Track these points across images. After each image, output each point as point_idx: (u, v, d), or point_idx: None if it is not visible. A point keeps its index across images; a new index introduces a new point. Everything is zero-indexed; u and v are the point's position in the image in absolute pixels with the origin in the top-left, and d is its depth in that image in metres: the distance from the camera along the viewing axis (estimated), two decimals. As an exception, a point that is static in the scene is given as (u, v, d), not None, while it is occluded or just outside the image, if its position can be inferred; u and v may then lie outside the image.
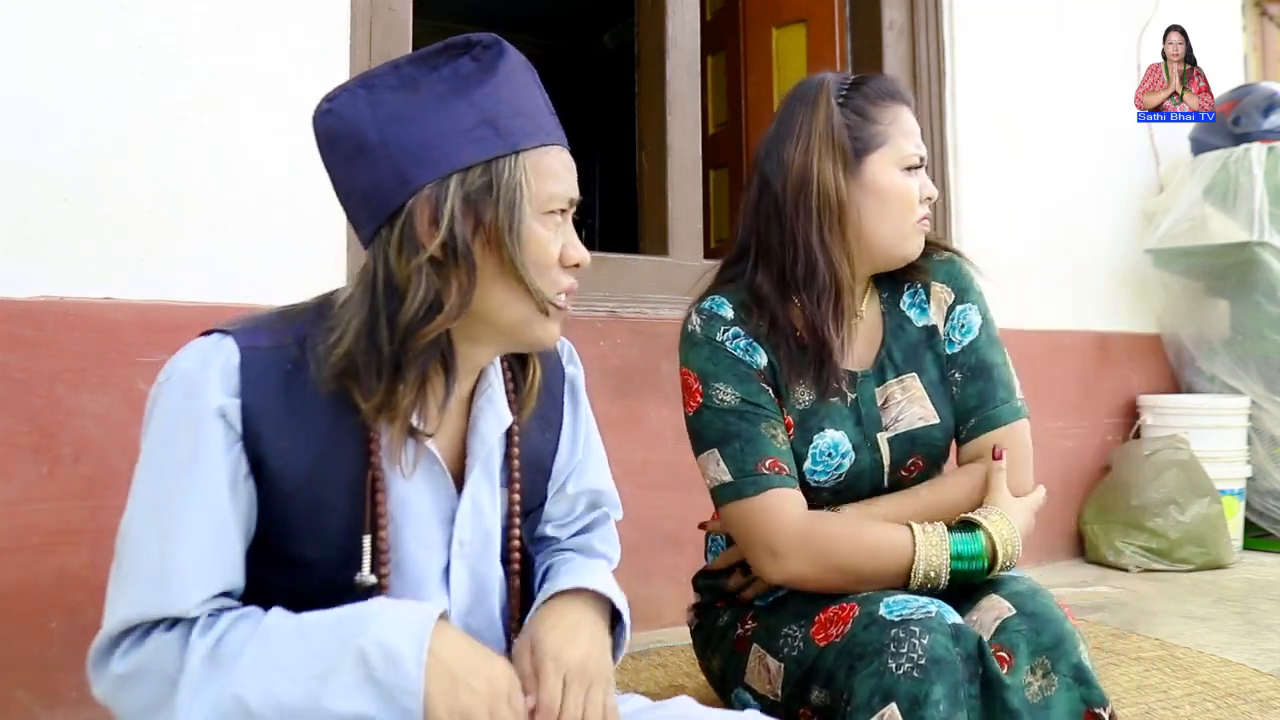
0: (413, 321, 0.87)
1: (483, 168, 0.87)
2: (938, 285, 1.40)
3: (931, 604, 1.10)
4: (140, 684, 0.84)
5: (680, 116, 2.68)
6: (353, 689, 0.81)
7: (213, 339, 0.90)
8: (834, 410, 1.32)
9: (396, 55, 2.16)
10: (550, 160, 0.92)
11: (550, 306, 0.93)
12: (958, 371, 1.37)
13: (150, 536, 0.85)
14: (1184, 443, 3.12)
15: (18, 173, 1.73)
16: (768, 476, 1.24)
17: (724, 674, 1.36)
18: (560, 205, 0.92)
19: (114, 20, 1.82)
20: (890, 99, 1.34)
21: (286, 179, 1.98)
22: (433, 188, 0.87)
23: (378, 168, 0.88)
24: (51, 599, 1.72)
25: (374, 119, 0.87)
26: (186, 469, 0.85)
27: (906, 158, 1.33)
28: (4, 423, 1.69)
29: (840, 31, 3.29)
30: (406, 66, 0.90)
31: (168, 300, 1.84)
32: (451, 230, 0.86)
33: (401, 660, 0.81)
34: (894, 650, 1.05)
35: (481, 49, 0.90)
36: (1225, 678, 1.99)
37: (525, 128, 0.90)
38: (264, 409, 0.87)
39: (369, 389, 0.87)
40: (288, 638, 0.82)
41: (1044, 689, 1.07)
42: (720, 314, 1.33)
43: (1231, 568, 3.07)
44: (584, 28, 6.15)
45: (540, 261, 0.91)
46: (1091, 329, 3.36)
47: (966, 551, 1.21)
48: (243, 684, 0.80)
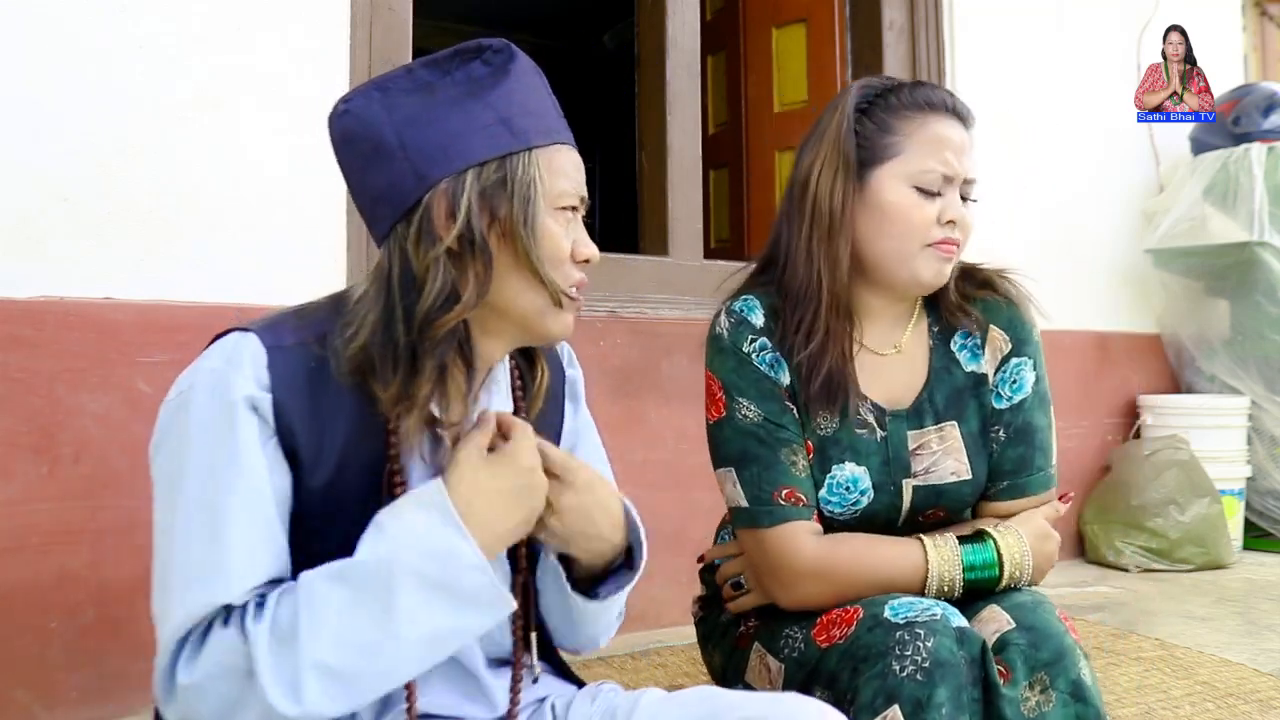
0: (430, 311, 0.88)
1: (498, 163, 0.90)
2: (996, 331, 1.31)
3: (936, 607, 1.10)
4: (213, 688, 0.82)
5: (680, 116, 2.68)
6: (420, 605, 0.82)
7: (234, 337, 0.90)
8: (860, 443, 1.26)
9: (396, 55, 2.18)
10: (561, 158, 0.94)
11: (564, 298, 0.95)
12: (1001, 430, 1.30)
13: (199, 535, 0.84)
14: (1184, 443, 3.12)
15: (18, 173, 1.73)
16: (784, 508, 1.21)
17: (725, 670, 1.36)
18: (571, 202, 0.94)
19: (114, 20, 1.82)
20: (920, 109, 1.24)
21: (286, 179, 1.98)
22: (449, 182, 0.89)
23: (395, 168, 0.90)
24: (51, 599, 1.72)
25: (390, 121, 0.90)
26: (228, 465, 0.85)
27: (920, 174, 1.22)
28: (4, 423, 1.69)
29: (840, 31, 3.30)
30: (420, 70, 0.92)
31: (168, 300, 1.84)
32: (469, 222, 0.88)
33: (452, 554, 0.83)
34: (898, 652, 1.04)
35: (493, 53, 0.92)
36: (1225, 678, 1.99)
37: (537, 126, 0.92)
38: (294, 405, 0.88)
39: (386, 380, 0.88)
40: (332, 588, 0.83)
41: (1041, 704, 1.06)
42: (750, 320, 1.27)
43: (1231, 568, 3.07)
44: (584, 28, 6.15)
45: (554, 255, 0.93)
46: (1091, 329, 3.36)
47: (978, 561, 1.20)
48: (316, 650, 0.80)
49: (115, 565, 1.76)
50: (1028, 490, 1.29)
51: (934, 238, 1.23)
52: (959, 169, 1.24)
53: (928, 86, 1.28)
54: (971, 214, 1.27)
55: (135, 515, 1.79)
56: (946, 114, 1.25)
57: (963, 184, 1.26)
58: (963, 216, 1.24)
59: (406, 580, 0.82)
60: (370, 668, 0.82)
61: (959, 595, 1.20)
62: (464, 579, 0.83)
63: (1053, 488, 1.31)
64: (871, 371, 1.29)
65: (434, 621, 0.83)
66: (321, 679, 0.80)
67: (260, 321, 0.92)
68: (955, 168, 1.24)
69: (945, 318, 1.32)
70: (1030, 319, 1.34)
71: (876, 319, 1.31)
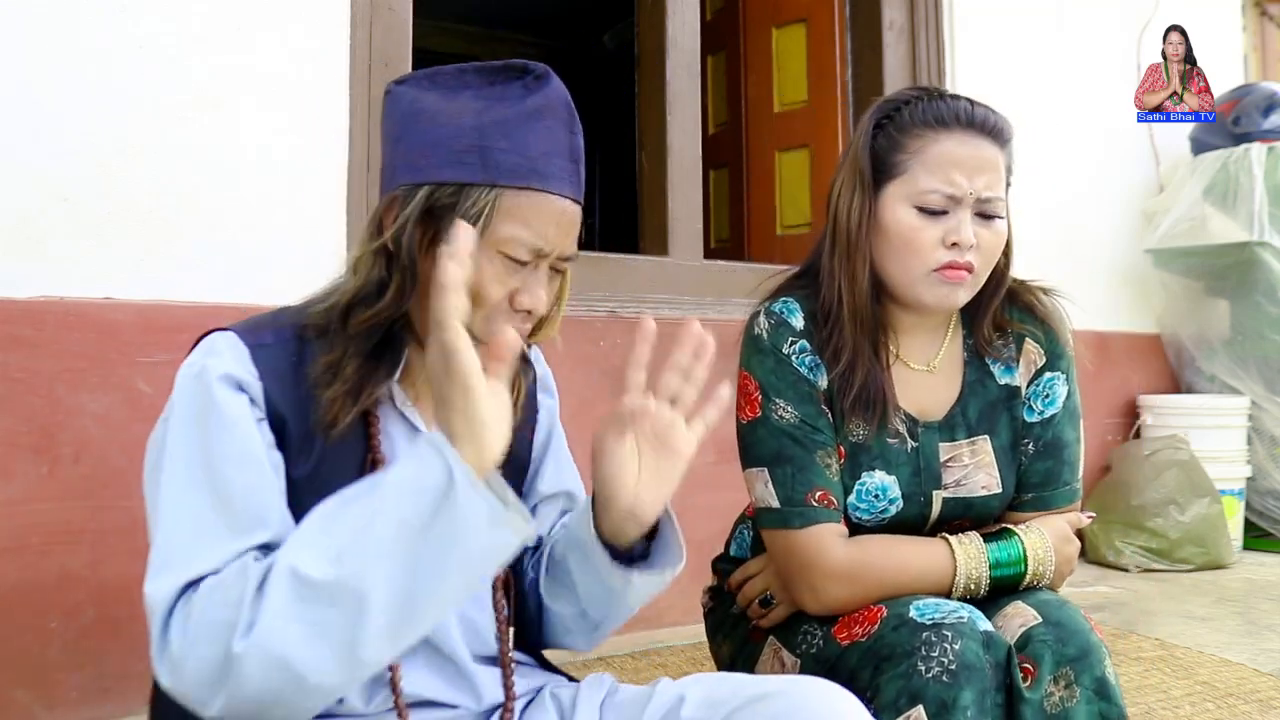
0: (352, 300, 0.92)
1: (455, 189, 0.90)
2: (1031, 345, 1.30)
3: (963, 609, 1.10)
4: (199, 640, 0.76)
5: (680, 116, 2.68)
6: (395, 503, 0.76)
7: (214, 336, 0.92)
8: (890, 452, 1.26)
9: (396, 55, 2.18)
10: (529, 205, 0.90)
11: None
12: (1031, 443, 1.29)
13: (197, 498, 0.83)
14: (1184, 443, 3.12)
15: (18, 173, 1.73)
16: (816, 510, 1.20)
17: (733, 661, 1.36)
18: (519, 254, 0.91)
19: (114, 20, 1.83)
20: (929, 126, 1.20)
21: (286, 179, 1.98)
22: (406, 189, 0.91)
23: (390, 156, 0.95)
24: (51, 599, 1.72)
25: (402, 112, 0.93)
26: (221, 432, 0.85)
27: (921, 194, 1.18)
28: (4, 423, 1.69)
29: (840, 31, 3.30)
30: (468, 73, 0.94)
31: (168, 300, 1.84)
32: (402, 231, 0.90)
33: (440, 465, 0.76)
34: (924, 653, 1.04)
35: (533, 79, 0.93)
36: (1225, 678, 1.99)
37: (517, 167, 0.90)
38: (281, 394, 0.89)
39: (324, 348, 0.91)
40: (318, 510, 0.79)
41: (1065, 700, 1.07)
42: (790, 322, 1.26)
43: (1231, 568, 3.07)
44: (584, 28, 6.14)
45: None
46: (1091, 329, 3.35)
47: (1005, 557, 1.20)
48: (288, 555, 0.76)
49: (115, 565, 1.77)
50: (1053, 504, 1.29)
51: (938, 261, 1.18)
52: (967, 188, 1.17)
53: (947, 99, 1.23)
54: (998, 232, 1.21)
55: (135, 515, 1.78)
56: (961, 129, 1.19)
57: (978, 203, 1.18)
58: (972, 238, 1.17)
59: (389, 493, 0.77)
60: (340, 574, 0.74)
61: (985, 594, 1.20)
62: (452, 492, 0.76)
63: (1077, 501, 1.31)
64: (906, 383, 1.29)
65: (411, 520, 0.75)
66: (287, 590, 0.74)
67: (239, 324, 0.94)
68: (962, 187, 1.17)
69: (979, 341, 1.31)
70: (1065, 335, 1.31)
71: (910, 333, 1.30)
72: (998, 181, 1.20)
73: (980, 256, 1.20)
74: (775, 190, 3.54)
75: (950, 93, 1.26)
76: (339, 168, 2.04)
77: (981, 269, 1.21)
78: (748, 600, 1.33)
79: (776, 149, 3.53)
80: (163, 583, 0.80)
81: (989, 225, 1.20)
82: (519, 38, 6.29)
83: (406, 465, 0.78)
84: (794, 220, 3.48)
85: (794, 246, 3.34)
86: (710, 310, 2.55)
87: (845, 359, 1.23)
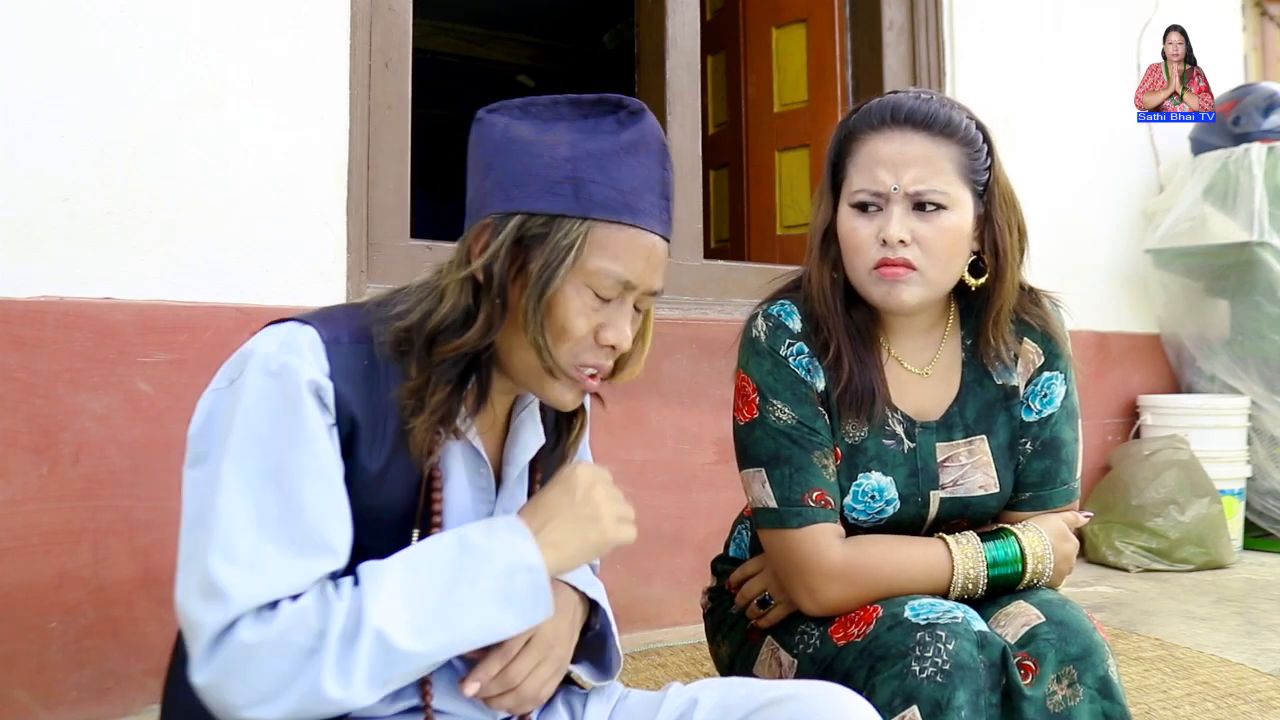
0: (436, 329, 0.90)
1: (546, 219, 0.89)
2: (1029, 345, 1.30)
3: (958, 609, 1.10)
4: (269, 660, 0.79)
5: (680, 116, 2.68)
6: (471, 587, 0.86)
7: (289, 326, 0.90)
8: (887, 454, 1.26)
9: (396, 55, 2.19)
10: (621, 240, 0.91)
11: (560, 372, 0.93)
12: (1029, 442, 1.30)
13: (273, 511, 0.83)
14: (1184, 443, 3.12)
15: (18, 173, 1.73)
16: (813, 510, 1.21)
17: (733, 662, 1.37)
18: (608, 289, 0.92)
19: (114, 20, 1.83)
20: (865, 129, 1.22)
21: (286, 180, 1.98)
22: (497, 218, 0.90)
23: (481, 184, 0.93)
24: (51, 599, 1.72)
25: (494, 141, 0.92)
26: (299, 446, 0.85)
27: (853, 195, 1.21)
28: (4, 423, 1.69)
29: (840, 31, 3.30)
30: (564, 105, 0.93)
31: (168, 300, 1.84)
32: (493, 263, 0.89)
33: (515, 550, 0.89)
34: (919, 654, 1.04)
35: (627, 114, 0.93)
36: (1225, 678, 1.99)
37: (611, 200, 0.90)
38: (353, 398, 0.89)
39: (409, 371, 0.91)
40: (396, 564, 0.86)
41: (1068, 699, 1.07)
42: (787, 324, 1.27)
43: (1231, 568, 3.07)
44: (584, 28, 6.14)
45: (560, 327, 0.91)
46: (1091, 329, 3.36)
47: (1002, 556, 1.21)
48: (378, 615, 0.81)
49: (115, 565, 1.77)
50: (1050, 503, 1.29)
51: (874, 260, 1.19)
52: (890, 183, 1.17)
53: (880, 101, 1.23)
54: (939, 226, 1.18)
55: (135, 515, 1.79)
56: (888, 126, 1.20)
57: (909, 197, 1.17)
58: (900, 233, 1.16)
59: (469, 561, 0.86)
60: (423, 643, 0.83)
61: (983, 593, 1.20)
62: (519, 577, 0.87)
63: (1074, 501, 1.32)
64: (902, 385, 1.29)
65: (482, 605, 0.86)
66: (374, 651, 0.80)
67: (313, 315, 0.93)
68: (885, 183, 1.17)
69: (982, 348, 1.30)
70: (1063, 334, 1.32)
71: (903, 335, 1.30)
72: (932, 174, 1.18)
73: (922, 251, 1.18)
74: (775, 190, 3.54)
75: (901, 91, 1.27)
76: (339, 168, 2.04)
77: (926, 265, 1.19)
78: (746, 600, 1.34)
79: (776, 149, 3.53)
80: (232, 580, 0.80)
81: (928, 219, 1.18)
82: (519, 38, 6.29)
83: (498, 559, 0.87)
84: (794, 220, 3.48)
85: (794, 246, 3.34)
86: (710, 310, 2.55)
87: (833, 354, 1.24)
